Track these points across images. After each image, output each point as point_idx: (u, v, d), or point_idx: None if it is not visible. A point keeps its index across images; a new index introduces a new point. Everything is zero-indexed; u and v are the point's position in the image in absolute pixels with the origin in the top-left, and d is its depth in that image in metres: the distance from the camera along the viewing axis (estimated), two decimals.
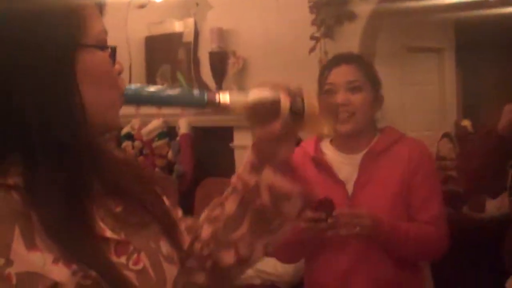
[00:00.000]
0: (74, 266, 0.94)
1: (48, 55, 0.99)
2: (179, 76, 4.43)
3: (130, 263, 1.07)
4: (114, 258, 1.04)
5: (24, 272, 0.91)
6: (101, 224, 1.05)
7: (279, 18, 4.00)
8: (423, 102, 8.81)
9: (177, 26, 4.87)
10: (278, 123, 1.18)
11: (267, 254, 1.33)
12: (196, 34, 4.63)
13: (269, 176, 1.24)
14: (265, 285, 3.19)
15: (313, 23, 3.65)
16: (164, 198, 1.28)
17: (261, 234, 1.30)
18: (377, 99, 2.30)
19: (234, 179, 1.30)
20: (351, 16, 3.57)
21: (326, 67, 2.31)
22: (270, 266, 3.16)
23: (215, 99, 1.18)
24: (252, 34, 4.21)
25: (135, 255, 1.08)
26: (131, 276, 1.05)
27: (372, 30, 3.67)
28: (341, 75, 2.24)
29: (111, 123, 1.13)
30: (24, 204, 0.95)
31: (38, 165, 0.97)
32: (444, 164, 6.89)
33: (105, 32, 1.09)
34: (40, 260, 0.93)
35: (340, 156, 2.28)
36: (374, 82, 2.29)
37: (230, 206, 1.29)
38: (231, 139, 4.13)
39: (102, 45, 1.08)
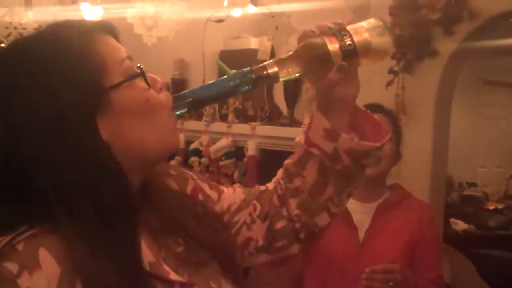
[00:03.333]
0: None
1: (69, 114, 0.97)
2: (219, 63, 4.38)
3: None
4: None
5: None
6: (165, 267, 1.04)
7: None
8: (496, 138, 8.64)
9: (253, 42, 4.86)
10: (334, 71, 1.16)
11: None
12: (272, 54, 4.61)
13: (347, 141, 1.23)
14: None
15: (393, 56, 3.58)
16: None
17: (345, 187, 1.30)
18: (397, 154, 2.42)
19: (302, 140, 1.29)
20: (433, 53, 3.48)
21: None
22: None
23: (262, 73, 1.15)
24: None
25: None
26: None
27: (453, 68, 3.58)
28: None
29: (170, 145, 1.11)
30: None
31: (82, 218, 0.95)
32: None
33: (128, 58, 1.06)
34: None
35: (353, 203, 2.31)
36: (398, 138, 2.43)
37: (311, 173, 1.27)
38: None
39: (130, 75, 1.04)
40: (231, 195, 1.35)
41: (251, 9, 4.60)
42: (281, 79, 1.18)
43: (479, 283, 3.75)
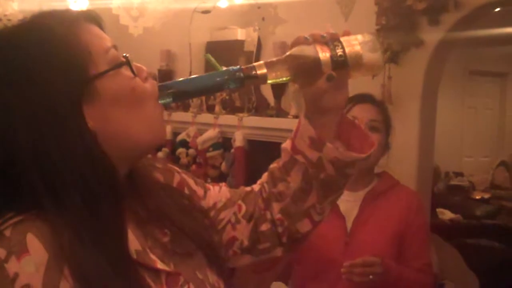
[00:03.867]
0: None
1: (55, 102, 0.97)
2: (209, 58, 4.37)
3: None
4: None
5: None
6: (151, 255, 1.04)
7: None
8: (482, 127, 8.68)
9: (240, 34, 4.85)
10: (323, 80, 1.16)
11: None
12: (259, 45, 4.61)
13: (331, 151, 1.24)
14: None
15: None
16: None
17: (328, 196, 1.31)
18: (386, 145, 2.43)
19: (288, 146, 1.31)
20: (419, 43, 3.49)
21: (350, 101, 2.36)
22: None
23: (251, 73, 1.15)
24: None
25: (185, 287, 1.08)
26: None
27: (439, 58, 3.59)
28: (365, 111, 2.35)
29: (157, 135, 1.10)
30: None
31: (69, 205, 0.95)
32: (498, 193, 6.76)
33: (114, 47, 1.06)
34: None
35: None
36: (388, 129, 2.43)
37: (295, 180, 1.28)
38: None
39: (116, 63, 1.04)
40: (217, 193, 1.36)
41: (238, 0, 4.59)
42: (269, 81, 1.18)
43: (466, 273, 3.77)
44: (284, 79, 1.19)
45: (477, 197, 6.38)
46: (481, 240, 4.88)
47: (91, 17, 1.08)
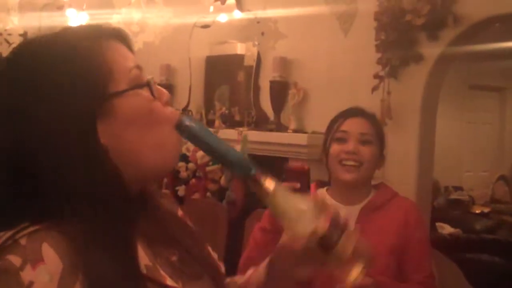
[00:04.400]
0: None
1: (70, 116, 0.97)
2: (244, 138, 4.36)
3: None
4: None
5: None
6: (162, 272, 1.04)
7: (345, 54, 3.97)
8: (481, 142, 8.69)
9: (239, 48, 4.87)
10: (300, 243, 1.12)
11: None
12: (259, 60, 4.62)
13: None
14: None
15: (378, 62, 3.60)
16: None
17: None
18: (380, 157, 2.38)
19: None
20: (418, 58, 3.51)
21: (341, 116, 2.40)
22: None
23: (260, 179, 1.12)
24: (316, 67, 4.19)
25: None
26: None
27: (438, 72, 3.61)
28: (356, 125, 2.33)
29: (168, 162, 1.10)
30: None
31: (82, 218, 0.96)
32: (498, 208, 6.76)
33: (137, 67, 1.06)
34: None
35: (337, 206, 2.27)
36: (381, 141, 2.38)
37: None
38: None
39: (136, 84, 1.05)
40: None
41: (237, 15, 4.62)
42: (266, 201, 1.13)
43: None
44: (276, 215, 1.15)
45: (477, 211, 6.36)
46: (481, 255, 4.86)
47: (119, 35, 1.09)
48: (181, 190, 4.71)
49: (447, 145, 7.33)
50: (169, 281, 1.04)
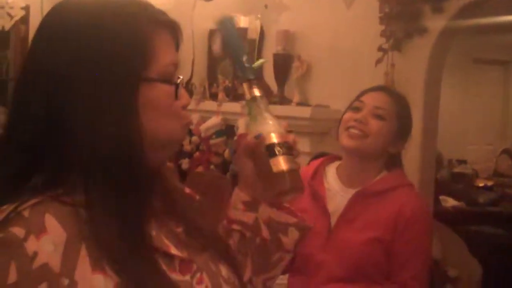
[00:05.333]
0: None
1: (108, 82, 0.99)
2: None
3: (194, 281, 1.07)
4: (179, 276, 1.04)
5: None
6: (166, 241, 1.05)
7: (349, 27, 3.95)
8: (485, 115, 8.66)
9: (243, 21, 4.84)
10: (252, 141, 1.24)
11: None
12: (262, 33, 4.60)
13: (266, 210, 1.27)
14: None
15: (382, 34, 3.58)
16: None
17: (261, 272, 1.31)
18: (397, 139, 2.27)
19: (225, 223, 1.31)
20: (422, 31, 3.49)
21: (366, 90, 2.34)
22: None
23: (252, 85, 1.29)
24: (320, 39, 4.17)
25: (198, 274, 1.09)
26: None
27: (443, 45, 3.59)
28: (374, 98, 2.27)
29: (169, 151, 1.13)
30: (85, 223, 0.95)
31: (96, 185, 0.97)
32: (501, 181, 6.76)
33: (174, 65, 1.08)
34: (102, 283, 0.92)
35: (338, 186, 2.26)
36: (400, 122, 2.27)
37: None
38: None
39: (166, 79, 1.06)
40: None
41: None
42: (247, 103, 1.31)
43: (469, 260, 3.77)
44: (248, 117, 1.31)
45: (480, 185, 6.36)
46: (484, 227, 4.88)
47: (173, 29, 1.11)
48: (184, 163, 4.72)
49: (451, 118, 7.32)
50: (173, 250, 1.05)
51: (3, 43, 5.79)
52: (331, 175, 2.30)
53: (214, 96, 4.76)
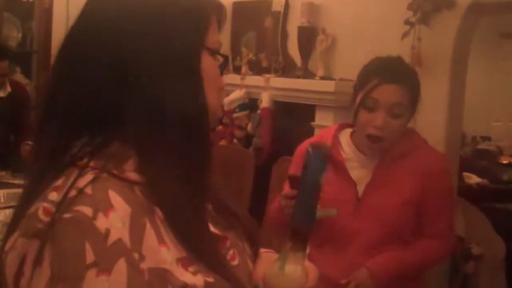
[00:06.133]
0: (197, 267, 0.95)
1: (177, 50, 0.99)
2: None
3: (228, 258, 1.08)
4: None
5: (155, 268, 0.90)
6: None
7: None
8: (511, 92, 8.55)
9: None
10: None
11: None
12: (287, 5, 4.56)
13: None
14: None
15: (409, 7, 3.53)
16: None
17: None
18: (411, 115, 2.28)
19: None
20: (450, 4, 3.43)
21: (374, 74, 2.24)
22: None
23: (298, 242, 1.15)
24: (345, 12, 4.13)
25: (231, 251, 1.10)
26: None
27: (471, 19, 3.53)
28: (389, 95, 2.18)
29: (216, 112, 1.12)
30: (147, 199, 0.94)
31: (159, 161, 0.97)
32: None
33: (220, 44, 1.10)
34: (168, 256, 0.92)
35: (355, 154, 2.27)
36: (415, 103, 2.26)
37: None
38: (313, 118, 4.06)
39: (219, 52, 1.09)
40: None
41: None
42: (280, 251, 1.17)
43: (493, 237, 3.75)
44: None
45: (504, 162, 6.30)
46: (508, 204, 4.84)
47: (221, 14, 1.13)
48: None
49: (476, 94, 7.24)
50: (212, 228, 1.06)
51: (27, 14, 5.78)
52: (345, 142, 2.31)
53: (237, 69, 4.74)
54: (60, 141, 0.97)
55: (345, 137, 2.33)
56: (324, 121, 3.86)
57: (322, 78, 4.04)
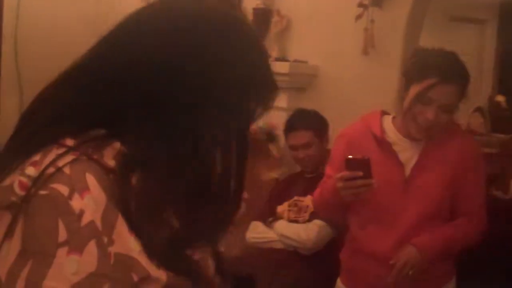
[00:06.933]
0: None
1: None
2: None
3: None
4: None
5: (122, 254, 0.90)
6: None
7: None
8: None
9: None
10: None
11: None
12: None
13: None
14: (287, 250, 3.20)
15: None
16: None
17: None
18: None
19: None
20: None
21: (432, 72, 2.25)
22: (293, 232, 3.17)
23: None
24: None
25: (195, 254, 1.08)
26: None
27: (422, 3, 3.60)
28: (445, 95, 2.23)
29: None
30: (120, 188, 0.93)
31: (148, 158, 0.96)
32: (474, 139, 6.85)
33: None
34: (137, 245, 0.92)
35: (401, 139, 2.36)
36: (462, 99, 2.32)
37: None
38: None
39: None
40: None
41: None
42: None
43: None
44: None
45: None
46: None
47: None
48: None
49: None
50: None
51: None
52: (389, 128, 2.39)
53: None
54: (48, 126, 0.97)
55: (387, 122, 2.42)
56: (277, 102, 3.80)
57: (277, 59, 4.06)
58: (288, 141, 3.42)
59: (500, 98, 8.24)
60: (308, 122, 3.36)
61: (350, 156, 2.19)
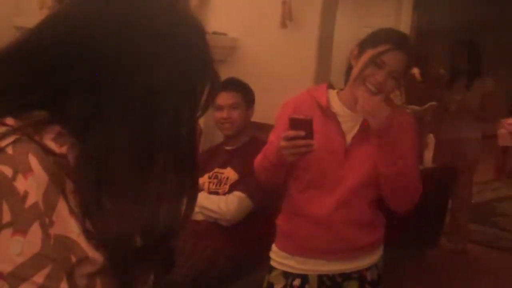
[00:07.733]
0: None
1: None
2: None
3: None
4: None
5: (61, 236, 0.91)
6: None
7: None
8: None
9: None
10: None
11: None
12: None
13: None
14: (207, 221, 3.22)
15: None
16: None
17: None
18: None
19: None
20: None
21: (387, 41, 2.36)
22: (213, 203, 3.19)
23: None
24: None
25: None
26: None
27: None
28: (396, 61, 2.34)
29: None
30: (60, 170, 0.93)
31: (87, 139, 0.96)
32: None
33: None
34: (76, 227, 0.93)
35: (345, 111, 2.45)
36: (407, 70, 2.43)
37: None
38: None
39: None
40: None
41: None
42: None
43: None
44: None
45: None
46: None
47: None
48: None
49: (344, 49, 7.46)
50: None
51: None
52: (334, 100, 2.48)
53: None
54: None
55: (332, 95, 2.51)
56: None
57: None
58: (216, 102, 3.41)
59: (415, 71, 8.43)
60: (240, 86, 3.38)
61: (294, 116, 2.24)
